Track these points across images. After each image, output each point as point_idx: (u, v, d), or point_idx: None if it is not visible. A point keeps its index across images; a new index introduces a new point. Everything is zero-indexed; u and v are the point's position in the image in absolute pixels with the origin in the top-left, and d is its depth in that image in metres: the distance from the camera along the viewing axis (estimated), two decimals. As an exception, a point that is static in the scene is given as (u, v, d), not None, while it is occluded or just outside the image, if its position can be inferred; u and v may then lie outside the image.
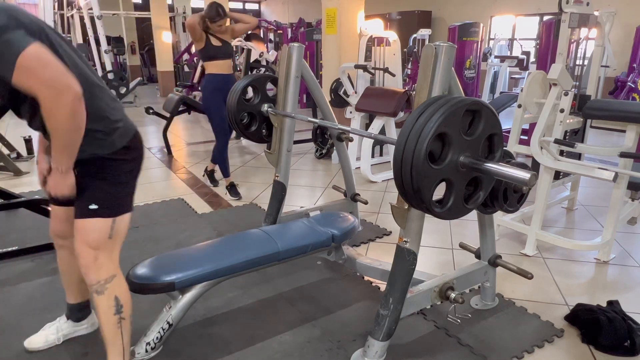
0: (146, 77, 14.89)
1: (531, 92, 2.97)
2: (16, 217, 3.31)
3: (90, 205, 1.54)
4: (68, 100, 1.27)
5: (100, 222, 1.54)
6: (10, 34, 1.23)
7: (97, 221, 1.54)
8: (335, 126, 2.43)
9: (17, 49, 1.21)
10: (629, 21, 7.66)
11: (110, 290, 1.55)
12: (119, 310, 1.58)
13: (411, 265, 1.75)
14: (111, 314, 1.57)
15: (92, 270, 1.53)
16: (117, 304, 1.57)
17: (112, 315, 1.57)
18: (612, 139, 6.20)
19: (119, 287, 1.58)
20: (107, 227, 1.55)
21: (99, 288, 1.54)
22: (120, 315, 1.58)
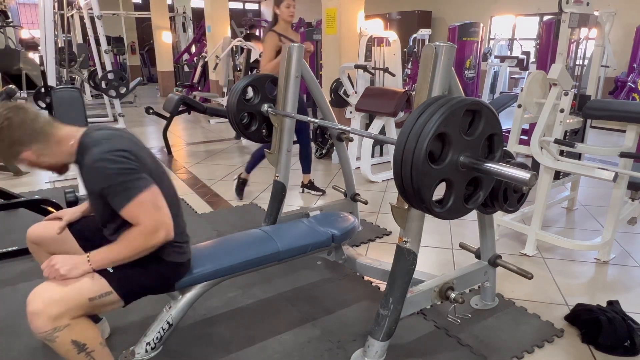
0: (146, 77, 14.88)
1: (531, 92, 2.97)
2: (16, 217, 3.31)
3: (109, 269, 1.50)
4: (161, 238, 1.48)
5: (99, 280, 1.47)
6: (136, 175, 1.46)
7: (98, 277, 1.47)
8: (335, 126, 2.43)
9: (137, 190, 1.44)
10: (629, 21, 7.66)
11: (61, 338, 1.39)
12: (82, 349, 1.43)
13: (411, 265, 1.75)
14: (74, 355, 1.43)
15: (37, 319, 1.36)
16: (77, 346, 1.42)
17: (76, 355, 1.44)
18: (612, 139, 6.20)
19: (73, 332, 1.41)
20: (101, 289, 1.47)
21: (46, 337, 1.38)
22: (86, 352, 1.45)
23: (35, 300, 1.38)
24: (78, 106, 3.69)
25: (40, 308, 1.37)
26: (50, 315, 1.36)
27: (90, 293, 1.45)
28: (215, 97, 8.37)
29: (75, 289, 1.43)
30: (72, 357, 1.45)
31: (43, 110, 5.64)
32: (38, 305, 1.37)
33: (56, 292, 1.41)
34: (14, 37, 11.07)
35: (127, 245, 1.47)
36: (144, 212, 1.45)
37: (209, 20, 9.02)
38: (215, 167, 4.95)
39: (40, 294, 1.40)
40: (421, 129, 1.38)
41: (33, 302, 1.38)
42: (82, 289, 1.44)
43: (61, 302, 1.39)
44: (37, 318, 1.36)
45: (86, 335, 1.45)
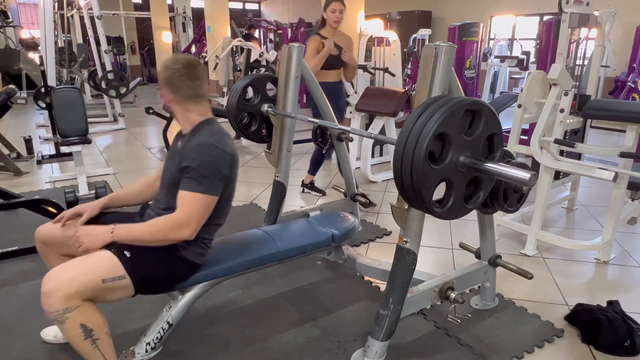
0: (146, 77, 14.88)
1: (531, 92, 2.97)
2: (16, 217, 3.31)
3: (125, 251, 1.55)
4: (182, 235, 1.55)
5: (115, 262, 1.51)
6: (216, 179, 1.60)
7: (114, 259, 1.51)
8: (335, 126, 2.43)
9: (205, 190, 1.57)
10: (629, 21, 7.66)
11: (71, 320, 1.43)
12: (88, 335, 1.46)
13: (411, 265, 1.75)
14: (82, 340, 1.46)
15: (50, 298, 1.40)
16: (84, 330, 1.45)
17: (83, 341, 1.47)
18: (612, 139, 6.20)
19: (83, 314, 1.45)
20: (115, 271, 1.51)
21: (57, 317, 1.42)
22: (92, 339, 1.47)
23: (50, 280, 1.43)
24: (78, 106, 3.69)
25: (54, 287, 1.41)
26: (63, 294, 1.40)
27: (104, 274, 1.49)
28: (215, 97, 8.37)
29: (90, 269, 1.48)
30: (79, 343, 1.48)
31: (43, 110, 5.65)
32: (52, 284, 1.42)
33: (71, 272, 1.46)
34: (14, 37, 11.08)
35: (153, 228, 1.56)
36: (188, 206, 1.55)
37: (209, 20, 9.02)
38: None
39: (55, 274, 1.45)
40: (421, 129, 1.38)
41: (48, 281, 1.43)
42: (96, 270, 1.49)
43: (75, 281, 1.43)
44: (50, 297, 1.40)
45: (94, 321, 1.48)
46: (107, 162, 5.10)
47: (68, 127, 3.63)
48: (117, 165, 4.88)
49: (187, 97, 1.69)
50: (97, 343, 1.49)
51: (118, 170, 4.69)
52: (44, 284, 1.43)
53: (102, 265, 1.51)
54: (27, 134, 5.36)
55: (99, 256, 1.54)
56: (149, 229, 1.57)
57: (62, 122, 3.65)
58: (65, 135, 3.63)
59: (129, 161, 5.20)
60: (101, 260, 1.52)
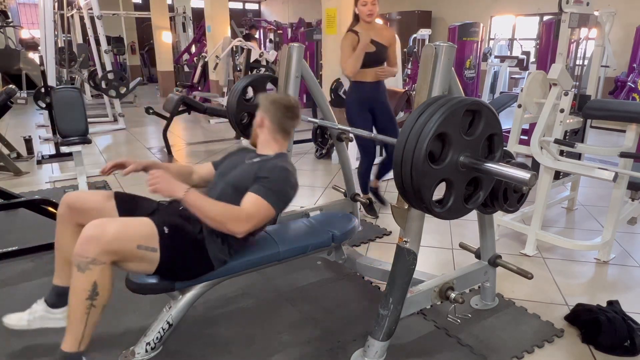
0: (146, 77, 14.88)
1: (531, 92, 2.97)
2: (16, 217, 3.31)
3: (165, 227, 1.62)
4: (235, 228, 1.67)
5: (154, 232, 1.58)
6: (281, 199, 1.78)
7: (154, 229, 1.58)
8: (335, 126, 2.43)
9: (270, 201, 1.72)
10: (629, 21, 7.66)
11: (91, 272, 1.49)
12: (92, 297, 1.52)
13: (411, 265, 1.75)
14: (83, 298, 1.51)
15: (89, 243, 1.48)
16: (93, 289, 1.51)
17: (83, 299, 1.52)
18: (612, 139, 6.20)
19: (101, 275, 1.51)
20: (151, 242, 1.57)
21: (82, 263, 1.48)
22: (92, 302, 1.52)
23: (95, 227, 1.50)
24: (78, 106, 3.69)
25: (98, 233, 1.48)
26: (101, 244, 1.48)
27: (141, 240, 1.56)
28: (215, 97, 8.37)
29: (131, 231, 1.55)
30: (79, 299, 1.52)
31: (43, 110, 5.65)
32: (96, 231, 1.49)
33: (115, 227, 1.53)
34: (14, 37, 11.07)
35: (220, 208, 1.67)
36: (255, 207, 1.70)
37: (209, 20, 9.02)
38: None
39: (102, 224, 1.52)
40: (421, 129, 1.38)
41: (92, 227, 1.50)
42: (136, 234, 1.56)
43: (117, 237, 1.50)
44: (89, 242, 1.48)
45: (104, 288, 1.54)
46: (107, 162, 5.09)
47: (68, 127, 3.63)
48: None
49: (281, 130, 1.96)
50: (91, 310, 1.53)
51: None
52: (88, 228, 1.49)
53: (142, 230, 1.58)
54: (27, 134, 5.36)
55: (140, 221, 1.62)
56: (217, 208, 1.66)
57: (62, 122, 3.65)
58: (65, 135, 3.63)
59: (129, 161, 5.18)
60: (142, 225, 1.60)
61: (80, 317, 1.54)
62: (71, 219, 1.80)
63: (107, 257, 1.50)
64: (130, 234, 1.55)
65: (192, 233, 1.70)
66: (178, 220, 1.71)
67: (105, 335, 1.98)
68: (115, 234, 1.51)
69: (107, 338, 1.96)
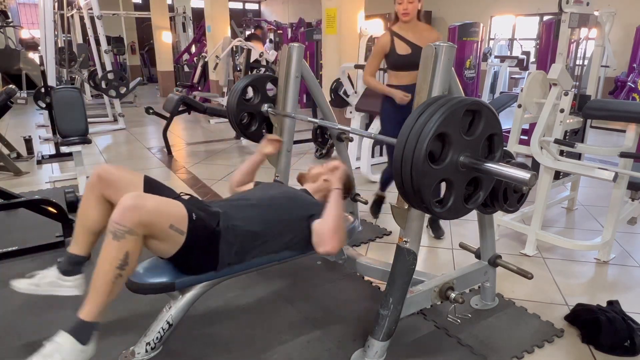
0: (146, 77, 14.88)
1: (531, 92, 2.97)
2: (16, 217, 3.31)
3: (193, 214, 1.65)
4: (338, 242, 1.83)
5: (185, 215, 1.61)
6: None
7: (185, 213, 1.62)
8: (335, 126, 2.43)
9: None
10: (629, 21, 7.66)
11: (125, 242, 1.49)
12: (122, 266, 1.51)
13: (411, 265, 1.75)
14: (114, 266, 1.50)
15: (129, 212, 1.48)
16: (124, 258, 1.50)
17: (114, 267, 1.51)
18: (612, 139, 6.20)
19: (134, 245, 1.52)
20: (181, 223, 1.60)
21: (119, 232, 1.48)
22: (121, 272, 1.52)
23: (135, 198, 1.53)
24: (78, 106, 3.69)
25: (138, 204, 1.50)
26: (141, 214, 1.49)
27: (175, 220, 1.59)
28: (215, 97, 8.37)
29: (169, 209, 1.59)
30: (110, 268, 1.51)
31: (43, 110, 5.65)
32: (136, 201, 1.51)
33: (153, 201, 1.57)
34: (14, 37, 11.08)
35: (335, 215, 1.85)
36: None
37: (209, 20, 9.02)
38: (215, 167, 4.95)
39: (142, 196, 1.57)
40: (421, 129, 1.38)
41: (131, 197, 1.52)
42: (171, 213, 1.59)
43: (154, 209, 1.54)
44: (130, 210, 1.49)
45: (134, 260, 1.55)
46: (107, 162, 5.10)
47: (68, 127, 3.63)
48: (117, 165, 4.87)
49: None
50: (117, 280, 1.53)
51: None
52: (129, 197, 1.51)
53: (176, 211, 1.61)
54: (27, 134, 5.36)
55: (175, 202, 1.65)
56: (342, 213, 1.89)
57: (62, 122, 3.65)
58: (65, 135, 3.63)
59: (129, 161, 5.20)
60: (176, 206, 1.63)
61: (106, 286, 1.52)
62: (99, 189, 1.82)
63: (142, 229, 1.52)
64: (167, 211, 1.58)
65: (211, 227, 1.72)
66: (201, 212, 1.74)
67: (105, 335, 1.98)
68: (155, 208, 1.54)
69: (107, 338, 1.96)
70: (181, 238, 1.61)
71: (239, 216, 1.82)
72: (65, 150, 4.66)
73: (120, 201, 1.51)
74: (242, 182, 2.34)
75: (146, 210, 1.51)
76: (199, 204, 1.83)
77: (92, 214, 1.83)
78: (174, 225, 1.58)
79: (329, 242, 1.81)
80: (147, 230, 1.54)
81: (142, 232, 1.52)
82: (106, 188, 1.81)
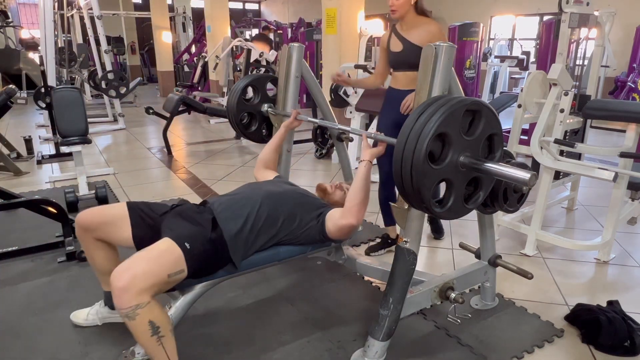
0: (146, 77, 14.88)
1: (531, 92, 2.97)
2: (16, 217, 3.31)
3: (186, 243, 1.60)
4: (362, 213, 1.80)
5: (178, 254, 1.56)
6: None
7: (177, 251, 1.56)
8: (335, 126, 2.43)
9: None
10: (629, 21, 7.66)
11: (142, 316, 1.46)
12: (155, 332, 1.49)
13: (411, 265, 1.75)
14: (148, 337, 1.49)
15: (125, 294, 1.43)
16: (152, 327, 1.48)
17: (149, 338, 1.50)
18: (612, 139, 6.20)
19: (151, 311, 1.48)
20: (178, 265, 1.56)
21: (129, 314, 1.44)
22: (159, 335, 1.50)
23: (123, 275, 1.44)
24: (78, 106, 3.69)
25: (128, 282, 1.43)
26: (137, 289, 1.43)
27: (170, 269, 1.54)
28: (215, 97, 8.37)
29: (159, 264, 1.52)
30: (146, 340, 1.50)
31: (43, 110, 5.65)
32: (126, 279, 1.43)
33: (142, 265, 1.49)
34: (14, 37, 11.08)
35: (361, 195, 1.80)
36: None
37: (209, 20, 9.02)
38: (215, 167, 4.95)
39: (127, 268, 1.46)
40: (421, 129, 1.38)
41: (120, 276, 1.44)
42: (164, 265, 1.53)
43: (147, 276, 1.47)
44: (124, 293, 1.42)
45: (161, 318, 1.51)
46: (107, 162, 5.10)
47: (68, 127, 3.63)
48: (117, 165, 4.88)
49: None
50: (162, 340, 1.52)
51: (118, 170, 4.69)
52: (116, 279, 1.44)
53: (168, 259, 1.55)
54: (27, 134, 5.36)
55: (164, 247, 1.58)
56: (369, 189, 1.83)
57: (62, 122, 3.65)
58: (65, 135, 3.64)
59: (129, 161, 5.20)
60: (167, 251, 1.57)
61: (158, 351, 1.53)
62: (90, 235, 1.84)
63: (147, 297, 1.47)
64: (158, 268, 1.52)
65: (206, 235, 1.69)
66: (191, 228, 1.70)
67: (105, 335, 1.98)
68: (145, 276, 1.47)
69: (107, 338, 1.97)
70: (184, 274, 1.60)
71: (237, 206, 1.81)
72: (65, 150, 4.66)
73: (112, 284, 1.45)
74: (271, 160, 2.37)
75: (139, 279, 1.45)
76: (190, 214, 1.78)
77: (97, 259, 1.89)
78: (172, 273, 1.55)
79: (356, 213, 1.78)
80: (151, 292, 1.49)
81: (149, 298, 1.47)
82: (94, 232, 1.81)
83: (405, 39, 2.44)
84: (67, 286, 2.40)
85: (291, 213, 1.88)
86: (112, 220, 1.81)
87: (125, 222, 1.80)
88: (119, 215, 1.81)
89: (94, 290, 2.19)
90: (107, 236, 1.82)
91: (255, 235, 1.79)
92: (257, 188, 1.98)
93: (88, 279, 2.45)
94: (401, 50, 2.46)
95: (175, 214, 1.81)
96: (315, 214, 1.92)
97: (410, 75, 2.42)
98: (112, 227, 1.81)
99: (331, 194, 2.15)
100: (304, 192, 2.05)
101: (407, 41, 2.43)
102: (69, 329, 2.03)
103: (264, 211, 1.82)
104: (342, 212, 1.82)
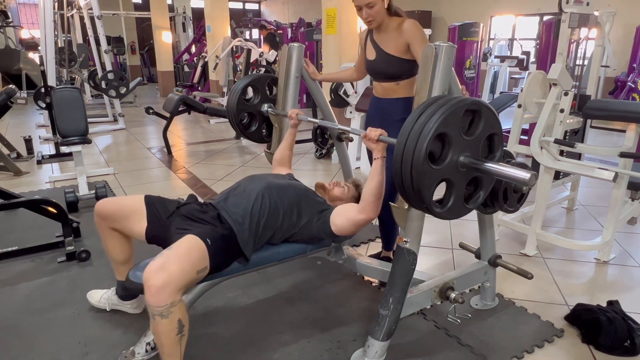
0: (146, 77, 14.89)
1: (531, 92, 2.96)
2: (16, 217, 3.31)
3: (207, 239, 1.63)
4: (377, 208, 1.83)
5: (203, 250, 1.59)
6: None
7: (202, 247, 1.59)
8: (335, 126, 2.42)
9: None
10: (629, 21, 7.66)
11: (174, 314, 1.48)
12: (180, 331, 1.52)
13: (411, 265, 1.75)
14: (173, 335, 1.52)
15: (162, 292, 1.44)
16: (179, 326, 1.51)
17: (174, 336, 1.52)
18: (612, 139, 6.20)
19: (181, 310, 1.51)
20: (204, 262, 1.59)
21: (163, 312, 1.46)
22: (182, 334, 1.54)
23: (159, 275, 1.44)
24: (78, 106, 3.69)
25: (165, 280, 1.43)
26: (173, 287, 1.45)
27: (198, 264, 1.57)
28: (215, 97, 8.37)
29: (190, 262, 1.54)
30: (171, 339, 1.51)
31: (43, 110, 5.65)
32: (163, 278, 1.43)
33: (175, 265, 1.49)
34: (14, 37, 11.09)
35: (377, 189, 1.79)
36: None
37: (209, 20, 9.02)
38: (215, 167, 4.95)
39: (162, 267, 1.46)
40: (421, 129, 1.38)
41: (156, 275, 1.44)
42: (194, 263, 1.56)
43: (181, 274, 1.49)
44: (161, 291, 1.43)
45: (186, 318, 1.54)
46: (107, 162, 5.10)
47: (68, 127, 3.64)
48: (117, 165, 4.88)
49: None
50: (182, 340, 1.54)
51: (118, 170, 4.69)
52: (151, 277, 1.43)
53: (196, 255, 1.57)
54: (27, 134, 5.37)
55: (191, 244, 1.60)
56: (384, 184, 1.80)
57: (62, 122, 3.65)
58: (65, 135, 3.64)
59: (129, 161, 5.20)
60: (194, 248, 1.58)
61: (174, 348, 1.54)
62: (106, 224, 1.88)
63: (180, 294, 1.51)
64: (190, 266, 1.54)
65: (218, 231, 1.71)
66: (204, 227, 1.72)
67: (105, 335, 1.98)
68: (180, 270, 1.49)
69: (107, 338, 1.97)
70: (207, 271, 1.63)
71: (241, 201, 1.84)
72: (65, 150, 4.66)
73: (146, 281, 1.45)
74: (285, 158, 2.40)
75: (174, 278, 1.47)
76: (196, 215, 1.80)
77: (113, 248, 1.95)
78: (200, 268, 1.58)
79: (375, 208, 1.80)
80: (183, 290, 1.53)
81: (180, 295, 1.50)
82: (111, 222, 1.87)
83: (379, 47, 2.25)
84: (67, 286, 2.40)
85: (293, 204, 1.88)
86: (129, 213, 1.84)
87: (140, 216, 1.83)
88: (137, 208, 1.84)
89: (94, 290, 2.20)
90: (121, 227, 1.87)
91: (262, 227, 1.81)
92: (259, 180, 1.97)
93: (88, 279, 2.45)
94: (374, 59, 2.29)
95: (182, 217, 1.81)
96: (317, 209, 1.93)
97: (386, 87, 2.31)
98: (127, 220, 1.84)
99: (330, 190, 2.14)
100: (308, 189, 2.05)
101: (380, 49, 2.24)
102: (69, 329, 2.03)
103: (266, 202, 1.83)
104: (360, 208, 1.83)
